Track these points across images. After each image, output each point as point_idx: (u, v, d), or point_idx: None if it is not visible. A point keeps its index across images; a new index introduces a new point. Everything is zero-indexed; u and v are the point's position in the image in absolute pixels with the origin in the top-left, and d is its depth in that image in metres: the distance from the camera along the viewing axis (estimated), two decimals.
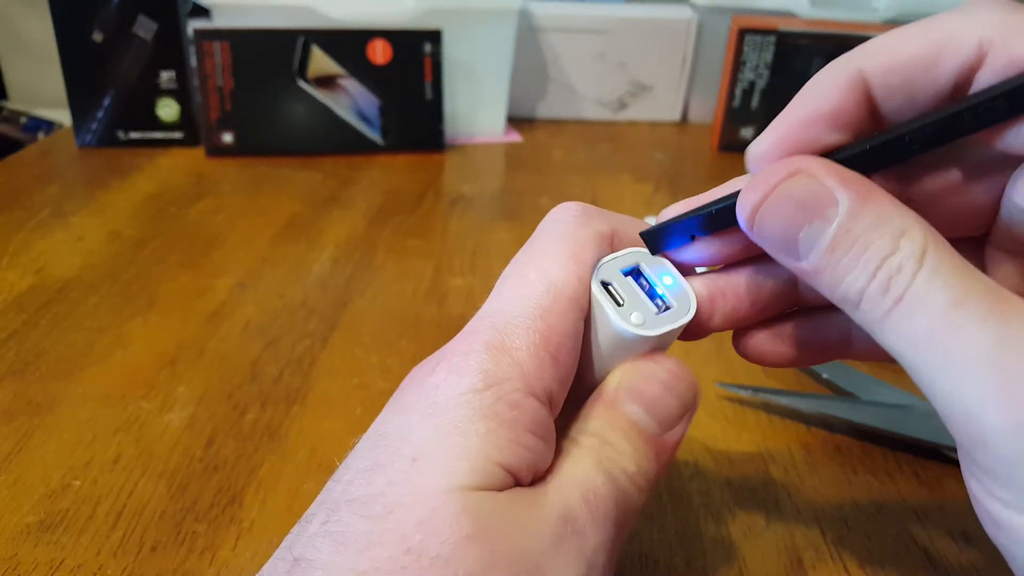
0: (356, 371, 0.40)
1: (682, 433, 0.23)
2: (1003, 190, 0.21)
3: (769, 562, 0.30)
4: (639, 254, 0.23)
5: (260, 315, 0.45)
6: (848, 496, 0.33)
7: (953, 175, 0.21)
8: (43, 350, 0.41)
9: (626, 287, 0.22)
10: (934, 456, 0.35)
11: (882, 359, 0.24)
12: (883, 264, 0.18)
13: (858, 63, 0.19)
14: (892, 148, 0.19)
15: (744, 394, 0.38)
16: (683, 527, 0.31)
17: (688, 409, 0.23)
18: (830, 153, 0.20)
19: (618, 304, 0.22)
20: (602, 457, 0.21)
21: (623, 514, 0.21)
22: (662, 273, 0.23)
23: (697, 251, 0.23)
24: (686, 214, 0.22)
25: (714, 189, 0.23)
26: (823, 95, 0.19)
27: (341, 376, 0.40)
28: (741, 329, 0.25)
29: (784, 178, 0.19)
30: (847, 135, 0.20)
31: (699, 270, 0.24)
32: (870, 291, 0.18)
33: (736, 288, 0.23)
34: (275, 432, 0.36)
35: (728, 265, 0.24)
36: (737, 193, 0.21)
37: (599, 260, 0.22)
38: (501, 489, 0.19)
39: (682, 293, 0.23)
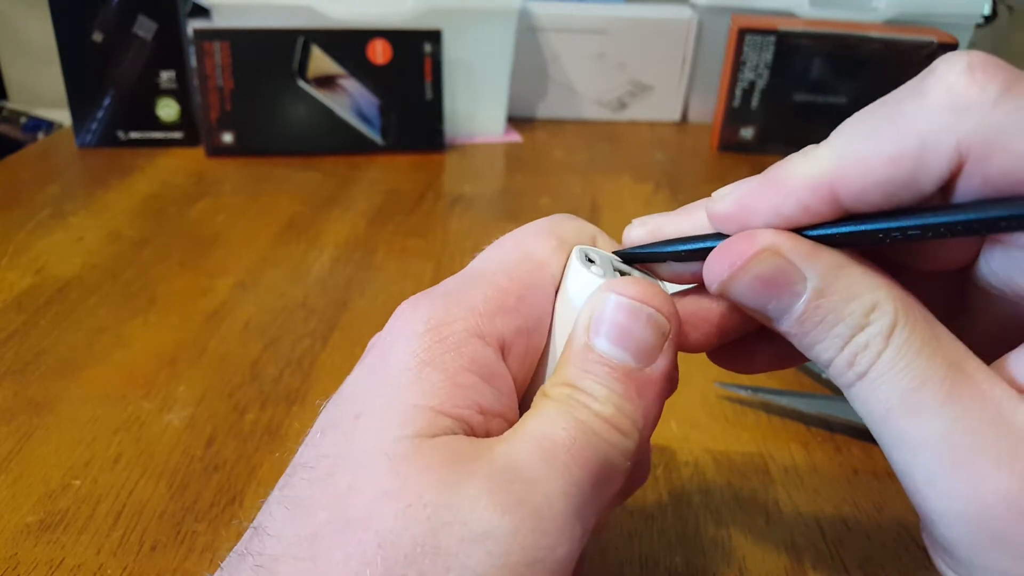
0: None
1: (667, 364, 0.20)
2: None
3: (769, 562, 0.30)
4: (618, 258, 0.24)
5: (260, 315, 0.45)
6: (848, 496, 0.33)
7: None
8: (43, 350, 0.41)
9: (604, 265, 0.22)
10: None
11: None
12: (851, 340, 0.18)
13: (830, 181, 0.18)
14: (869, 237, 0.18)
15: (744, 394, 0.38)
16: (683, 527, 0.31)
17: (665, 334, 0.20)
18: (801, 229, 0.19)
19: (592, 272, 0.22)
20: (570, 404, 0.19)
21: (599, 460, 0.19)
22: (642, 277, 0.23)
23: (671, 269, 0.23)
24: (658, 246, 0.22)
25: (691, 206, 0.22)
26: (788, 199, 0.19)
27: (341, 376, 0.39)
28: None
29: (751, 256, 0.19)
30: (814, 221, 0.19)
31: (671, 288, 0.24)
32: (837, 362, 0.18)
33: (707, 311, 0.23)
34: (275, 432, 0.36)
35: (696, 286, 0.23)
36: (709, 237, 0.21)
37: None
38: (438, 430, 0.18)
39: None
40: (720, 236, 0.20)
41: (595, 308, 0.20)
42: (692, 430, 0.36)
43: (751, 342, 0.24)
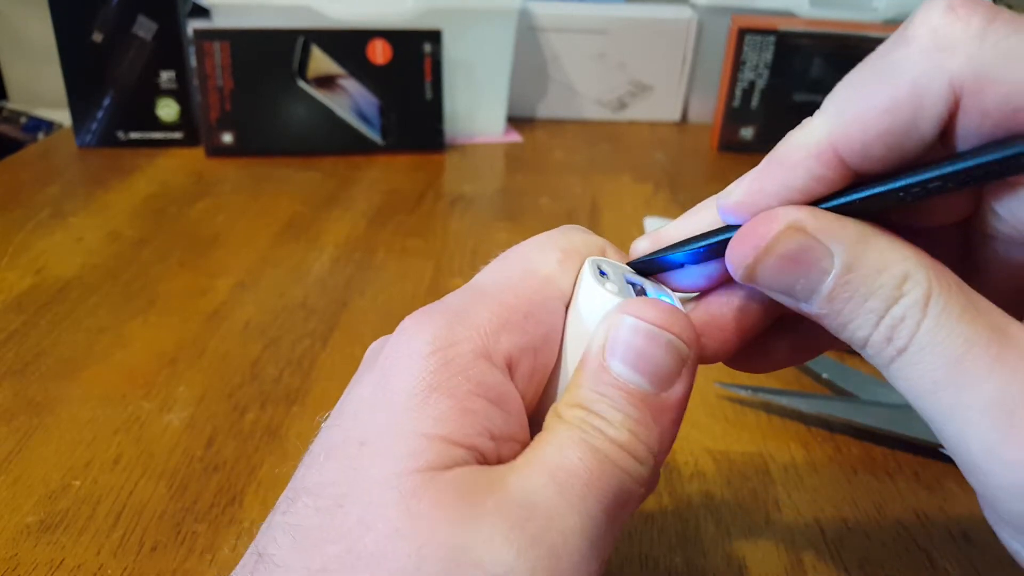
0: (356, 371, 0.40)
1: (684, 390, 0.20)
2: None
3: (769, 562, 0.30)
4: (629, 269, 0.23)
5: (260, 315, 0.45)
6: (848, 496, 0.33)
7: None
8: (43, 350, 0.41)
9: (618, 280, 0.22)
10: (934, 456, 0.35)
11: None
12: (886, 314, 0.17)
13: (831, 142, 0.18)
14: (889, 198, 0.18)
15: (744, 394, 0.38)
16: (683, 527, 0.31)
17: (685, 360, 0.20)
18: (818, 201, 0.19)
19: (607, 288, 0.21)
20: (584, 429, 0.19)
21: (614, 490, 0.18)
22: (660, 293, 0.23)
23: (688, 276, 0.22)
24: (672, 250, 0.22)
25: (695, 208, 0.22)
26: (795, 171, 0.19)
27: (341, 376, 0.40)
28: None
29: (775, 235, 0.18)
30: (828, 189, 0.19)
31: (683, 297, 0.23)
32: (874, 339, 0.18)
33: (723, 319, 0.22)
34: (275, 432, 0.36)
35: (710, 291, 0.23)
36: (725, 229, 0.20)
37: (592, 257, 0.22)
38: (449, 462, 0.18)
39: (668, 295, 0.23)
40: (735, 228, 0.20)
41: (611, 329, 0.20)
42: (692, 430, 0.36)
43: (766, 339, 0.23)
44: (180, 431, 0.35)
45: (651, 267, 0.23)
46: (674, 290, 0.23)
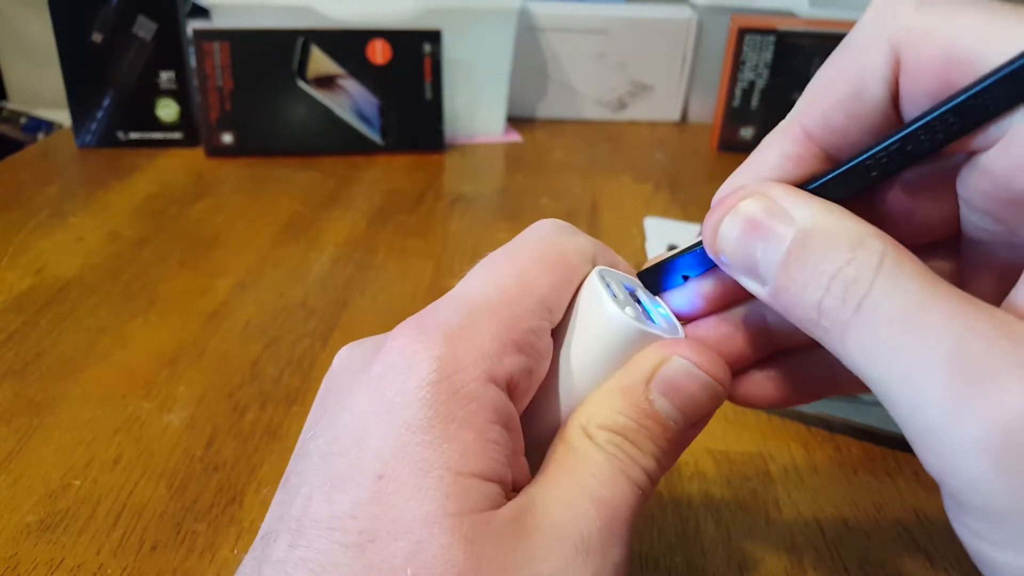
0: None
1: (703, 427, 0.21)
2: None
3: (769, 562, 0.30)
4: (633, 280, 0.23)
5: (260, 315, 0.45)
6: (848, 496, 0.33)
7: (906, 181, 0.21)
8: (43, 350, 0.41)
9: (622, 292, 0.22)
10: None
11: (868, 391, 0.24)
12: (838, 274, 0.17)
13: (797, 120, 0.19)
14: (857, 174, 0.19)
15: None
16: (683, 527, 0.31)
17: (718, 405, 0.21)
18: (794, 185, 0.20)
19: (614, 297, 0.21)
20: (623, 458, 0.20)
21: (638, 513, 0.20)
22: (656, 304, 0.23)
23: (690, 291, 0.23)
24: (676, 252, 0.23)
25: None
26: (768, 151, 0.20)
27: None
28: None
29: (741, 201, 0.19)
30: (800, 169, 0.20)
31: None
32: (826, 303, 0.17)
33: (714, 343, 0.23)
34: (275, 432, 0.36)
35: (702, 317, 0.23)
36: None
37: (582, 274, 0.22)
38: (487, 502, 0.18)
39: (672, 325, 0.23)
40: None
41: (661, 366, 0.20)
42: None
43: (758, 372, 0.24)
44: (180, 431, 0.35)
45: (658, 277, 0.23)
46: (682, 314, 0.23)
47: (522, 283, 0.20)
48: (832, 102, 0.19)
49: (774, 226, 0.18)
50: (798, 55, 0.71)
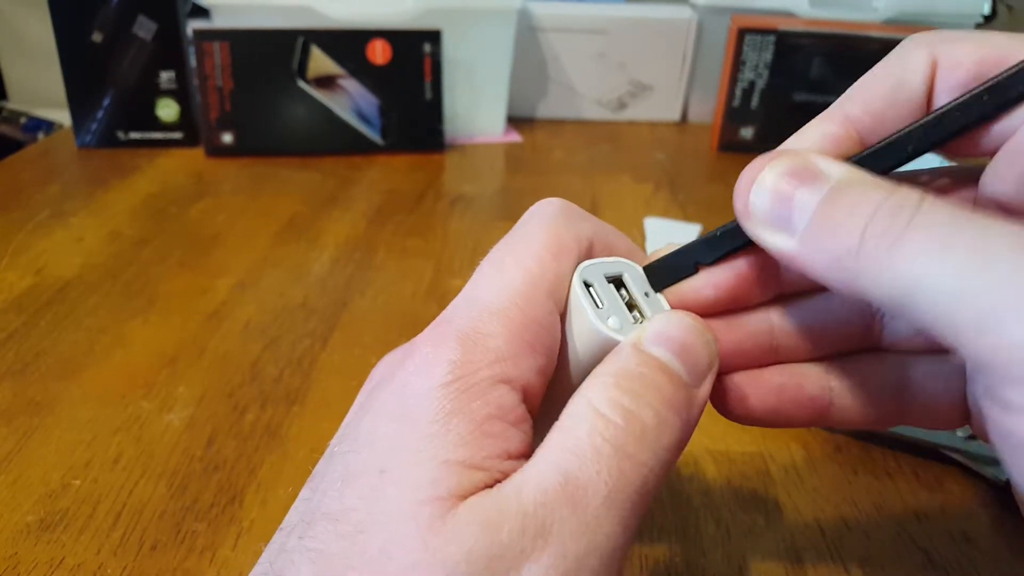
0: (356, 371, 0.40)
1: (708, 392, 0.21)
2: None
3: (769, 562, 0.30)
4: (623, 264, 0.23)
5: (260, 315, 0.45)
6: (848, 496, 0.33)
7: (934, 183, 0.22)
8: (43, 350, 0.41)
9: (607, 292, 0.22)
10: (934, 456, 0.35)
11: (860, 426, 0.24)
12: (882, 204, 0.17)
13: (840, 104, 0.21)
14: (892, 149, 0.20)
15: None
16: (683, 527, 0.31)
17: (713, 362, 0.21)
18: None
19: (597, 306, 0.22)
20: (613, 419, 0.18)
21: (634, 494, 0.18)
22: (643, 288, 0.23)
23: (701, 280, 0.23)
24: (690, 243, 0.23)
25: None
26: (807, 132, 0.21)
27: (341, 376, 0.40)
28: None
29: (781, 155, 0.20)
30: (837, 149, 0.21)
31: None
32: (871, 230, 0.17)
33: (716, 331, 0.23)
34: (275, 432, 0.36)
35: (709, 311, 0.23)
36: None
37: (579, 260, 0.22)
38: (467, 488, 0.18)
39: (660, 308, 0.23)
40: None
41: (657, 323, 0.20)
42: None
43: (754, 374, 0.24)
44: (180, 431, 0.35)
45: (667, 269, 0.23)
46: (691, 302, 0.23)
47: (528, 279, 0.21)
48: (874, 91, 0.21)
49: (811, 178, 0.19)
50: (798, 55, 0.71)
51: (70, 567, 0.28)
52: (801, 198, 0.18)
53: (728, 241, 0.22)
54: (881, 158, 0.20)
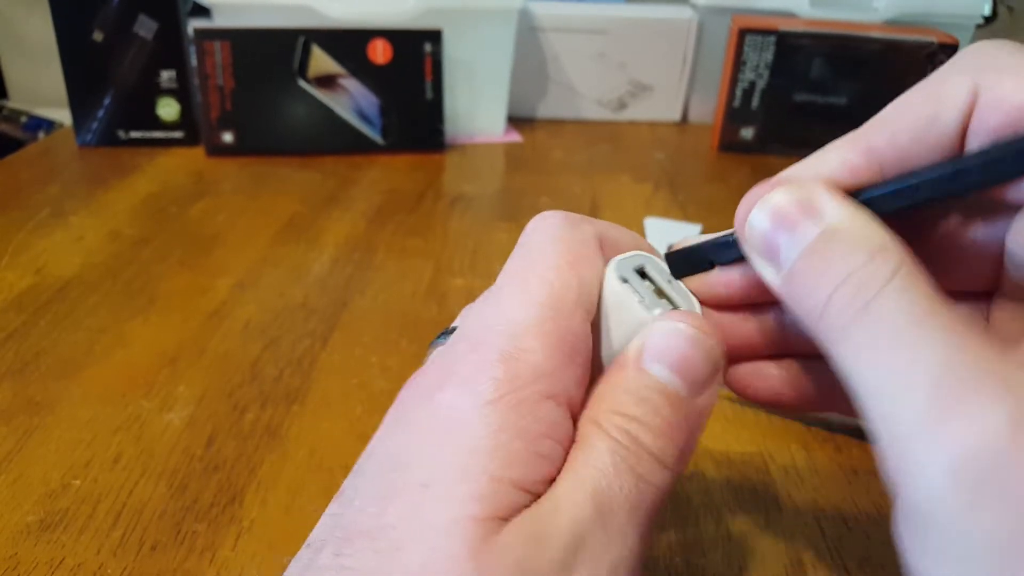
0: (356, 371, 0.40)
1: (712, 398, 0.21)
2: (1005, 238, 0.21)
3: (769, 562, 0.30)
4: (642, 256, 0.23)
5: (260, 315, 0.45)
6: (848, 496, 0.33)
7: (954, 223, 0.21)
8: (43, 350, 0.41)
9: (640, 285, 0.22)
10: None
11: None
12: (854, 273, 0.17)
13: (864, 133, 0.20)
14: (904, 191, 0.19)
15: None
16: (683, 527, 0.31)
17: (717, 368, 0.21)
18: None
19: (641, 300, 0.22)
20: (629, 447, 0.19)
21: (648, 510, 0.19)
22: (664, 275, 0.23)
23: (714, 277, 0.23)
24: (709, 241, 0.23)
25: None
26: (827, 155, 0.20)
27: (341, 376, 0.40)
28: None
29: (780, 186, 0.20)
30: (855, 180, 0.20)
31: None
32: (835, 299, 0.17)
33: (728, 324, 0.24)
34: (275, 432, 0.36)
35: (720, 308, 0.24)
36: None
37: (593, 265, 0.22)
38: (513, 509, 0.18)
39: (684, 294, 0.23)
40: None
41: (652, 334, 0.20)
42: None
43: (764, 364, 0.24)
44: (180, 430, 0.35)
45: (686, 260, 0.23)
46: (703, 296, 0.24)
47: (554, 293, 0.20)
48: (904, 123, 0.19)
49: (803, 217, 0.19)
50: (799, 55, 0.71)
51: (70, 567, 0.28)
52: (789, 240, 0.19)
53: (738, 248, 0.22)
54: (891, 200, 0.19)
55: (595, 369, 0.22)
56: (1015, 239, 0.19)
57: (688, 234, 0.55)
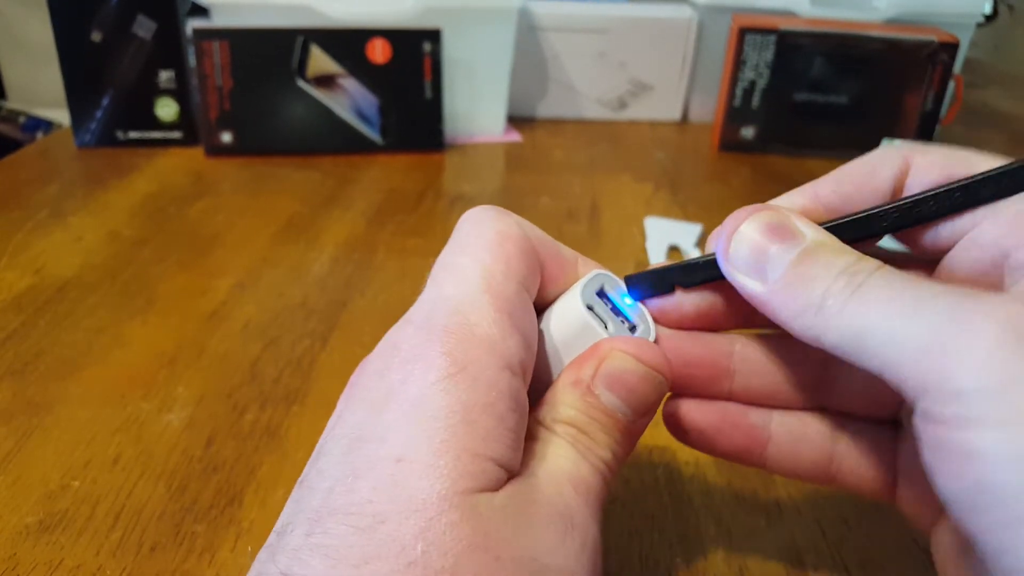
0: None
1: (652, 417, 0.23)
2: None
3: (769, 562, 0.29)
4: (602, 276, 0.24)
5: (260, 315, 0.45)
6: (848, 496, 0.33)
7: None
8: (42, 350, 0.41)
9: (603, 310, 0.24)
10: None
11: (791, 476, 0.26)
12: (844, 270, 0.19)
13: (815, 184, 0.23)
14: (867, 222, 0.22)
15: None
16: (683, 527, 0.31)
17: (663, 395, 0.23)
18: None
19: (604, 327, 0.23)
20: (582, 447, 0.21)
21: (602, 498, 0.21)
22: (621, 294, 0.25)
23: (676, 301, 0.24)
24: (671, 264, 0.24)
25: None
26: (783, 200, 0.23)
27: (341, 376, 0.39)
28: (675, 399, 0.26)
29: (762, 211, 0.22)
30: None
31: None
32: (832, 289, 0.19)
33: (680, 344, 0.25)
34: (275, 432, 0.36)
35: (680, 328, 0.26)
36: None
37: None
38: (497, 485, 0.19)
39: (640, 313, 0.25)
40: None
41: (608, 364, 0.22)
42: None
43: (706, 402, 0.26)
44: (179, 431, 0.35)
45: (647, 283, 0.25)
46: (663, 316, 0.25)
47: (488, 268, 0.22)
48: (847, 174, 0.23)
49: (788, 234, 0.21)
50: (799, 55, 0.71)
51: (69, 568, 0.28)
52: (775, 253, 0.21)
53: (706, 271, 0.23)
54: (852, 228, 0.22)
55: (544, 365, 0.23)
56: (944, 267, 0.22)
57: (688, 233, 0.55)
